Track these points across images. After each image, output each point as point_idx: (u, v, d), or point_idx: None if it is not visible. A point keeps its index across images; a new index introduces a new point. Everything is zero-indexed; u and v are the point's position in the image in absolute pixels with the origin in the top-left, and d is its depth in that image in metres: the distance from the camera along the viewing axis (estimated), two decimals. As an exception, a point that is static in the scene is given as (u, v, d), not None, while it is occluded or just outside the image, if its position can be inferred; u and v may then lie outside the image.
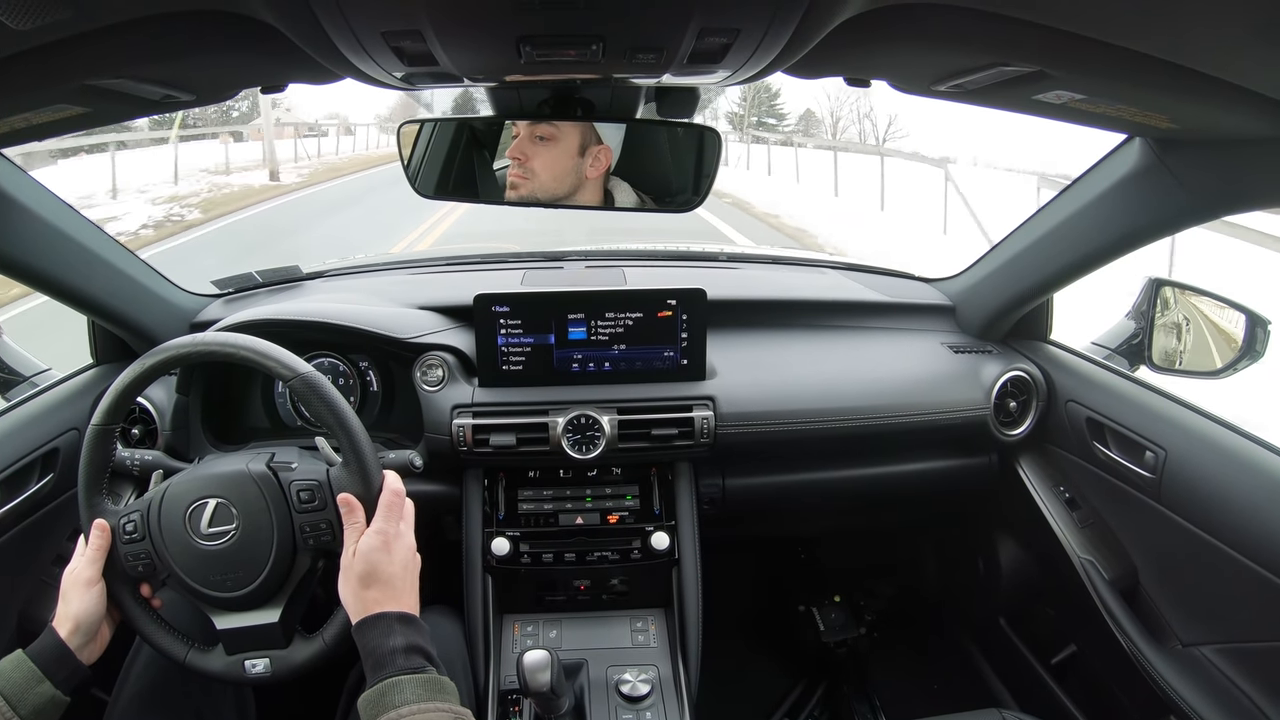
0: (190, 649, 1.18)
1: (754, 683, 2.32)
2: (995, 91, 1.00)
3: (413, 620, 1.06)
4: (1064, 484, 1.81)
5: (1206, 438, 1.47)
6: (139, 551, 1.15)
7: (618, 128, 1.32)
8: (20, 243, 1.40)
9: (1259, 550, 1.32)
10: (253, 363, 1.17)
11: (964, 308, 1.98)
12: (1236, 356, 1.54)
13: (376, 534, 1.10)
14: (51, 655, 1.07)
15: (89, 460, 1.17)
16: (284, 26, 0.77)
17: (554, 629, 1.66)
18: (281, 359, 1.17)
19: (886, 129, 46.57)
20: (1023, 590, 2.01)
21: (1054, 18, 0.76)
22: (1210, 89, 0.87)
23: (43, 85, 0.87)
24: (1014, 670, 2.08)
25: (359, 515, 1.12)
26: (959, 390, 1.79)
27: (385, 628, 1.03)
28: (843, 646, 2.29)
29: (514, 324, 1.63)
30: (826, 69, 1.00)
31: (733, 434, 1.65)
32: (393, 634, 1.02)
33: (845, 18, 0.76)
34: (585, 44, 0.82)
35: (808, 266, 2.32)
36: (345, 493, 1.14)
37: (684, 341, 1.66)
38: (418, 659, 1.01)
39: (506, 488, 1.68)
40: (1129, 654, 1.54)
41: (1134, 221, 1.43)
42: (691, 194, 1.37)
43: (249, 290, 1.99)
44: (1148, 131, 1.25)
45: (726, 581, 2.00)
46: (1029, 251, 1.71)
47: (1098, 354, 1.79)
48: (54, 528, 1.56)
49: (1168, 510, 1.51)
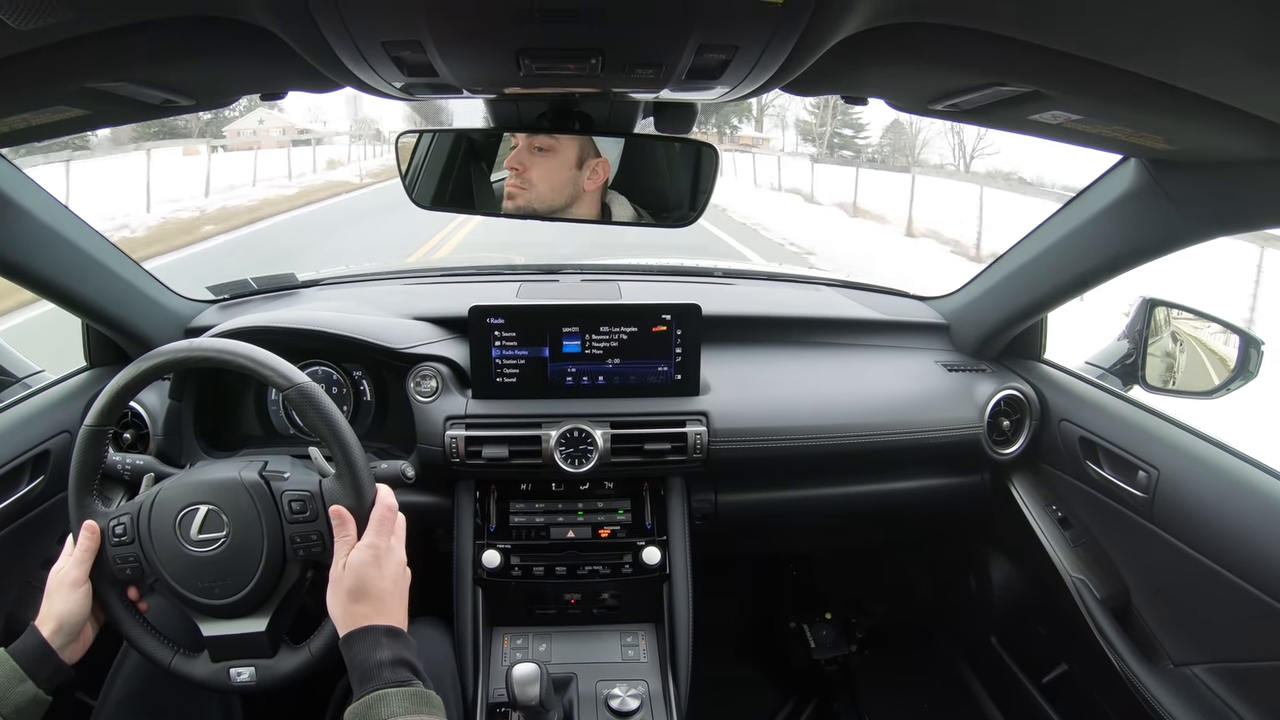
0: (176, 654, 1.18)
1: (744, 699, 2.31)
2: (991, 111, 1.00)
3: (400, 634, 1.06)
4: (1056, 503, 1.81)
5: (1199, 457, 1.47)
6: (127, 555, 1.15)
7: (616, 141, 1.33)
8: (15, 244, 1.40)
9: (1251, 570, 1.32)
10: (249, 370, 1.16)
11: (958, 326, 1.99)
12: (1230, 377, 1.55)
13: (368, 548, 1.10)
14: (33, 654, 1.07)
15: (80, 461, 1.17)
16: (285, 34, 0.77)
17: (544, 642, 1.65)
18: (278, 368, 1.16)
19: (976, 145, 40.04)
20: (1014, 609, 2.00)
21: (1051, 39, 0.76)
22: (1206, 110, 0.87)
23: (43, 86, 0.87)
24: (1005, 689, 2.07)
25: (350, 528, 1.12)
26: (952, 408, 1.80)
27: (372, 641, 1.03)
28: (833, 664, 2.28)
29: (509, 336, 1.63)
30: (824, 87, 1.01)
31: (725, 450, 1.65)
32: (380, 647, 1.02)
33: (843, 36, 0.77)
34: (584, 58, 0.82)
35: (802, 283, 2.32)
36: (337, 505, 1.13)
37: (678, 356, 1.66)
38: (404, 672, 1.01)
39: (498, 500, 1.67)
40: (1120, 673, 1.54)
41: (1128, 242, 1.43)
42: (688, 209, 1.37)
43: (244, 297, 1.99)
44: (1143, 152, 1.26)
45: (718, 597, 1.99)
46: (1023, 271, 1.72)
47: (1091, 373, 1.80)
48: (44, 530, 1.55)
49: (1160, 530, 1.51)
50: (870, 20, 0.75)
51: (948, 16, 0.76)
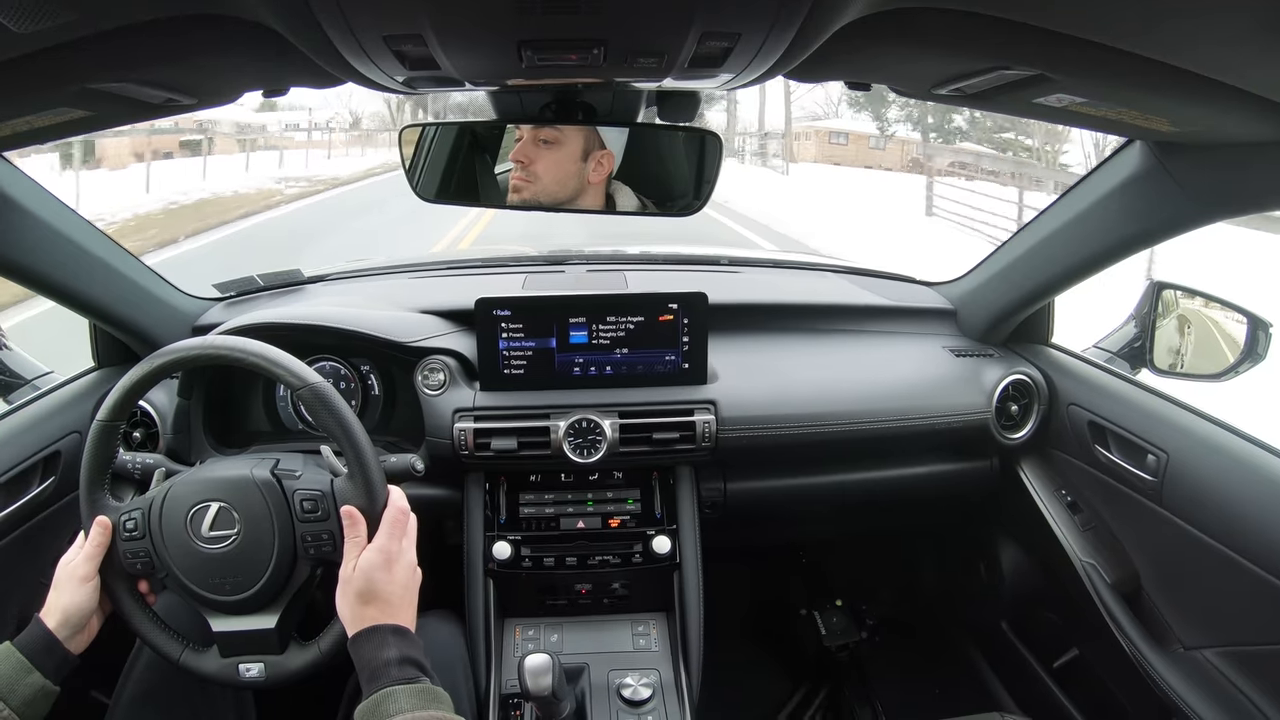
0: (185, 649, 1.18)
1: (755, 687, 2.32)
2: (996, 95, 1.00)
3: (406, 633, 1.07)
4: (1065, 487, 1.81)
5: (1208, 441, 1.47)
6: (138, 550, 1.16)
7: (620, 132, 1.33)
8: (21, 245, 1.40)
9: (1261, 553, 1.32)
10: (263, 369, 1.16)
11: (965, 311, 1.98)
12: (1238, 359, 1.54)
13: (378, 551, 1.10)
14: (39, 645, 1.07)
15: (92, 455, 1.17)
16: (286, 31, 0.77)
17: (555, 633, 1.66)
18: (292, 368, 1.17)
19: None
20: (1024, 594, 2.00)
21: (1055, 21, 0.76)
22: (1211, 92, 0.87)
23: (45, 88, 0.87)
24: (1016, 674, 2.07)
25: (361, 529, 1.12)
26: (960, 394, 1.79)
27: (380, 640, 1.04)
28: (844, 650, 2.28)
29: (515, 328, 1.63)
30: (828, 73, 1.00)
31: (734, 438, 1.65)
32: (387, 646, 1.04)
33: (846, 22, 0.76)
34: (586, 48, 0.82)
35: (809, 270, 2.32)
36: (349, 505, 1.14)
37: (685, 345, 1.66)
38: (411, 670, 1.02)
39: (508, 491, 1.68)
40: (1131, 657, 1.54)
41: (1135, 225, 1.43)
42: (693, 198, 1.37)
43: (250, 294, 1.99)
44: (1148, 135, 1.25)
45: (728, 585, 2.00)
46: (1030, 255, 1.71)
47: (1099, 357, 1.79)
48: (55, 530, 1.56)
49: (1169, 513, 1.51)
50: (874, 5, 0.75)
51: (951, 0, 0.75)
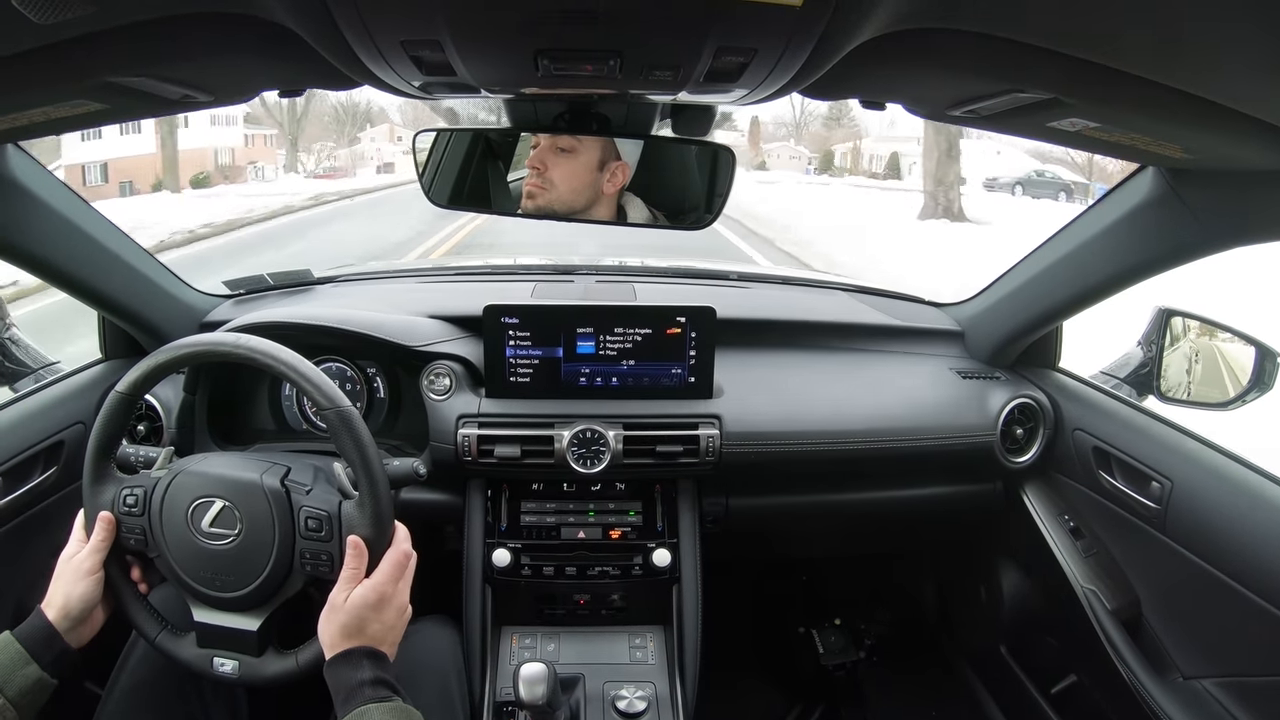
0: (163, 630, 1.19)
1: (751, 703, 2.31)
2: (1009, 118, 1.00)
3: (380, 656, 1.09)
4: (1069, 513, 1.80)
5: (1213, 469, 1.46)
6: (134, 525, 1.16)
7: (635, 144, 1.33)
8: (35, 236, 1.41)
9: (1263, 584, 1.31)
10: (293, 381, 1.15)
11: (973, 333, 1.98)
12: (1245, 388, 1.53)
13: (374, 590, 1.10)
14: (39, 637, 1.08)
15: (105, 423, 1.18)
16: (304, 32, 0.78)
17: (552, 642, 1.65)
18: (323, 387, 1.15)
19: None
20: (1024, 618, 1.99)
21: (1070, 46, 0.76)
22: (1226, 120, 0.87)
23: (64, 80, 0.88)
24: (1013, 699, 2.06)
25: (363, 564, 1.12)
26: (966, 416, 1.79)
27: (354, 662, 1.06)
28: (841, 670, 2.28)
29: (523, 336, 1.63)
30: (842, 91, 1.01)
31: (738, 453, 1.64)
32: (361, 668, 1.05)
33: (861, 41, 0.77)
34: (603, 59, 0.83)
35: (817, 288, 2.32)
36: (355, 535, 1.13)
37: (692, 359, 1.66)
38: (384, 690, 1.04)
39: (509, 499, 1.68)
40: (1130, 685, 1.53)
41: (1145, 251, 1.42)
42: (704, 212, 1.38)
43: (260, 292, 2.00)
44: (1161, 161, 1.25)
45: (727, 601, 1.99)
46: (1039, 279, 1.71)
47: (1106, 383, 1.78)
48: (57, 520, 1.56)
49: (1172, 542, 1.50)
50: (889, 24, 0.75)
51: (968, 23, 0.75)
